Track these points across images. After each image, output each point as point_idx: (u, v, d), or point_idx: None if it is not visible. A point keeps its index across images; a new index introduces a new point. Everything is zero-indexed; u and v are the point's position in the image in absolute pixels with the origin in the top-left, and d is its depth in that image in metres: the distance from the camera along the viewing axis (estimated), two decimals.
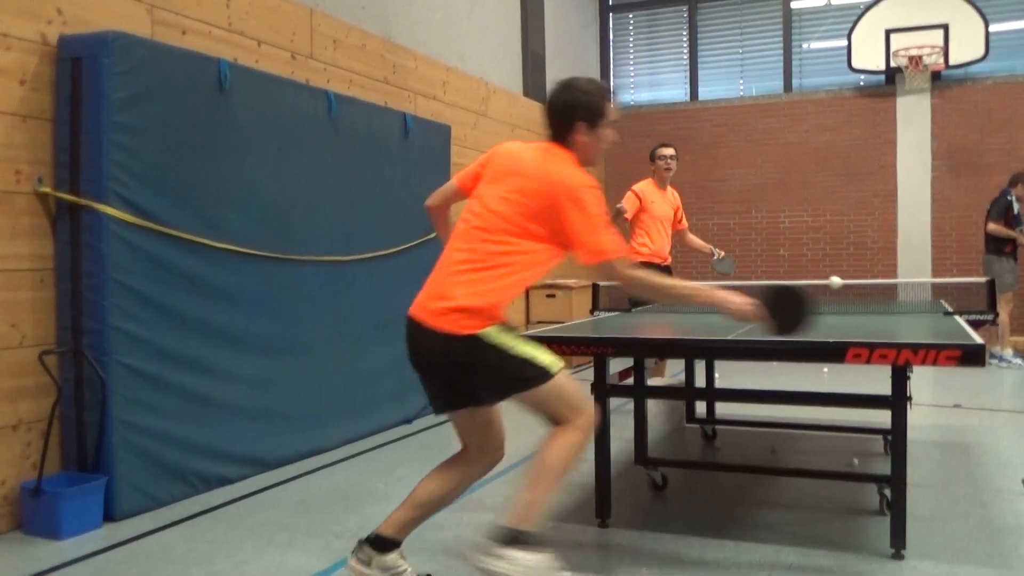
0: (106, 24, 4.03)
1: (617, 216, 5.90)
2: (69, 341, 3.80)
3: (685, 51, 11.07)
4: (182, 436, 4.09)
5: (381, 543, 2.80)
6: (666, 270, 6.21)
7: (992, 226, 8.25)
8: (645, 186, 6.23)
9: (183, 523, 3.76)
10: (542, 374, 2.68)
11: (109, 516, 3.74)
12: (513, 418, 3.04)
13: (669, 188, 6.40)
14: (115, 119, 3.76)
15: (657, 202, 6.21)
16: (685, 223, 6.55)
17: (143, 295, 3.90)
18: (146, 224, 3.91)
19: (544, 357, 2.72)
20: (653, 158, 6.31)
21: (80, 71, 3.77)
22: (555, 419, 2.74)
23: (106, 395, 3.74)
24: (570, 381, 2.74)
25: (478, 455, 2.94)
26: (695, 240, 6.66)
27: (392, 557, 2.80)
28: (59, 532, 3.52)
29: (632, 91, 11.41)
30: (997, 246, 8.28)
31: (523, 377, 2.68)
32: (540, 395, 2.70)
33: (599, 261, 2.69)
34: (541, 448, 2.72)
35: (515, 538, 2.58)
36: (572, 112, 2.80)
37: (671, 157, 6.29)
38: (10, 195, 3.65)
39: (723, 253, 6.58)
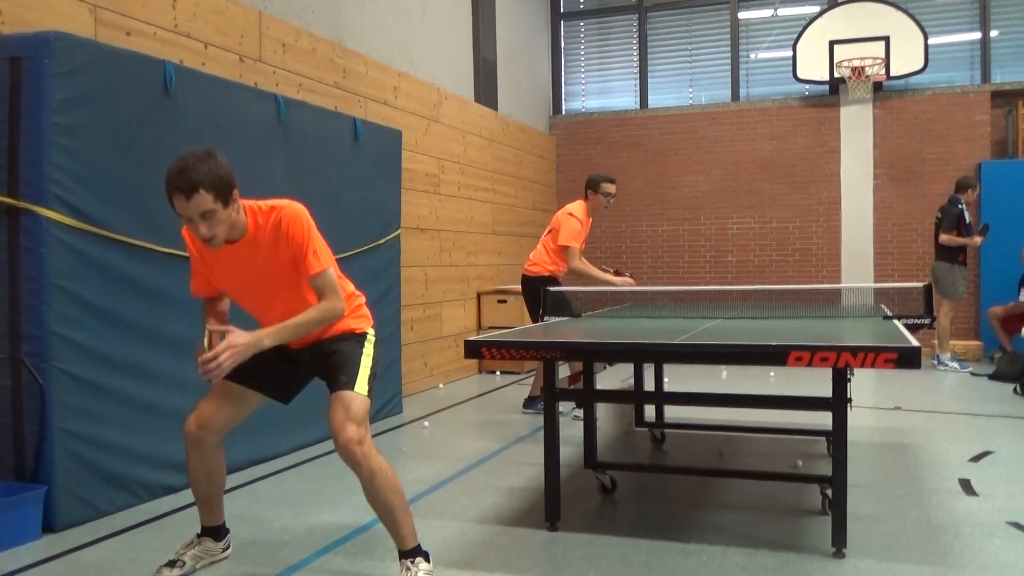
0: (47, 24, 3.95)
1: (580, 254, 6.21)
2: (6, 348, 3.70)
3: (635, 59, 11.19)
4: (125, 444, 4.01)
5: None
6: (556, 282, 6.24)
7: (945, 237, 8.33)
8: (580, 213, 6.27)
9: (126, 533, 3.69)
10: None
11: (49, 527, 3.65)
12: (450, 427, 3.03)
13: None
14: (56, 121, 3.68)
15: (584, 231, 6.37)
16: (583, 246, 6.53)
17: (85, 300, 3.82)
18: (88, 228, 3.83)
19: None
20: (596, 190, 6.30)
21: (19, 71, 3.67)
22: None
23: (45, 403, 3.65)
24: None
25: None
26: (587, 265, 6.51)
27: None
28: None
29: (583, 98, 11.50)
30: (950, 255, 8.38)
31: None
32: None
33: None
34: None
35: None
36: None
37: (615, 196, 6.41)
38: None
39: (616, 269, 6.73)
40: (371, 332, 3.14)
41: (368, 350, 3.05)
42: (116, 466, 3.96)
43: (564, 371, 5.32)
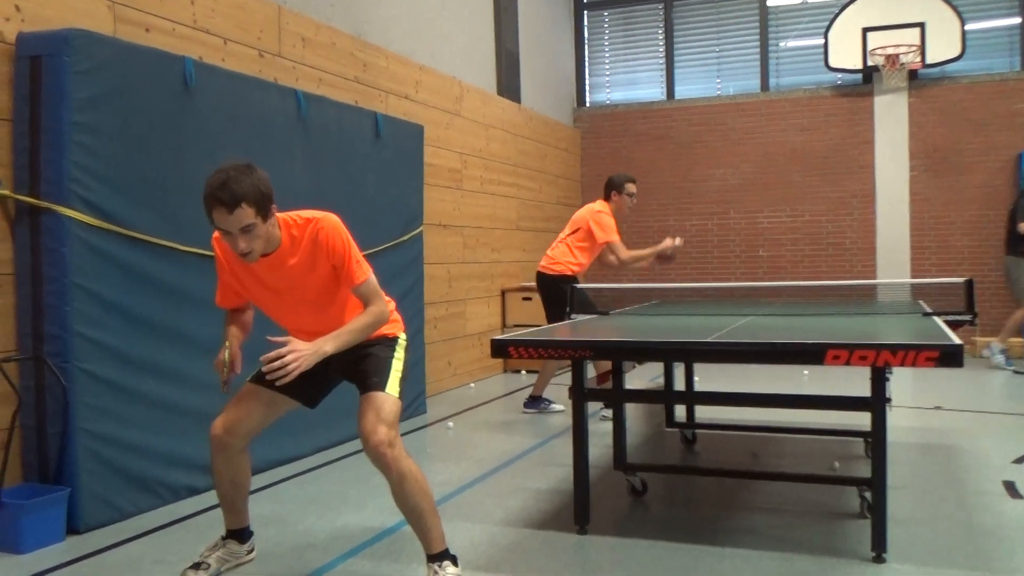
0: (67, 21, 3.99)
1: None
2: (29, 348, 3.75)
3: (661, 49, 11.14)
4: (148, 445, 4.05)
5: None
6: (576, 281, 6.24)
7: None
8: (608, 212, 6.28)
9: (150, 535, 3.73)
10: None
11: (73, 529, 3.69)
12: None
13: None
14: (76, 119, 3.72)
15: None
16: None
17: (107, 300, 3.86)
18: (109, 227, 3.87)
19: None
20: (621, 191, 6.31)
21: (39, 70, 3.72)
22: None
23: (68, 403, 3.70)
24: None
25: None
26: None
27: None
28: (20, 546, 3.47)
29: (608, 90, 11.46)
30: (1021, 248, 8.24)
31: None
32: None
33: None
34: None
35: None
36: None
37: (636, 195, 6.45)
38: None
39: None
40: (402, 336, 3.19)
41: (399, 354, 3.11)
42: (139, 467, 4.00)
43: (588, 371, 5.31)
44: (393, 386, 2.98)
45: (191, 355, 4.28)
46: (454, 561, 3.01)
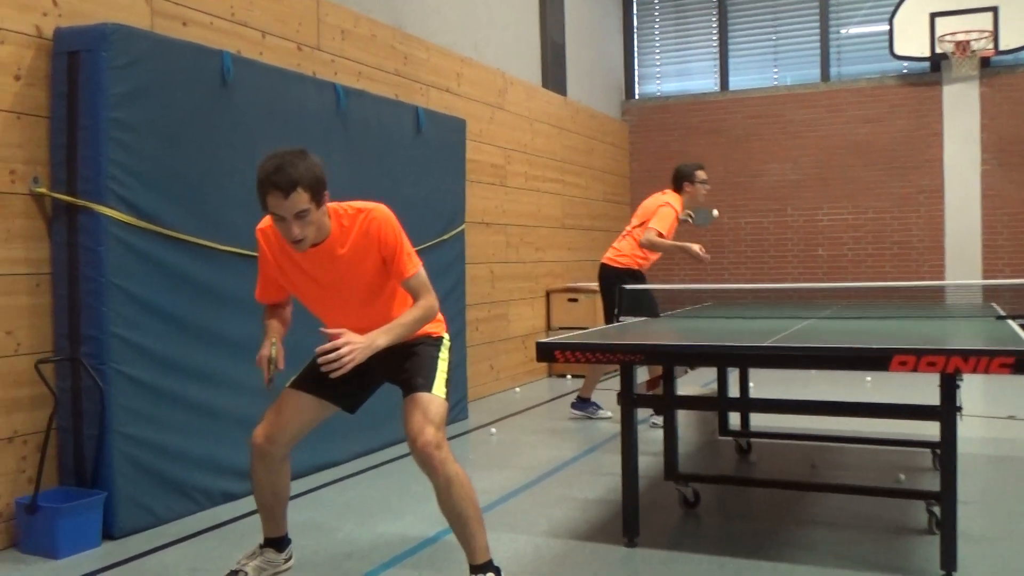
0: (104, 16, 4.08)
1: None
2: (66, 349, 3.84)
3: (715, 38, 11.05)
4: (184, 449, 4.13)
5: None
6: (642, 277, 6.22)
7: None
8: (677, 205, 6.24)
9: (186, 541, 3.79)
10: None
11: (108, 534, 3.77)
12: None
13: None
14: (113, 115, 3.80)
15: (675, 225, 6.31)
16: None
17: (143, 300, 3.94)
18: (146, 226, 3.95)
19: None
20: (692, 180, 6.31)
21: (77, 65, 3.81)
22: None
23: (105, 406, 3.78)
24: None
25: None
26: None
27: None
28: (56, 550, 3.56)
29: (658, 81, 11.40)
30: None
31: None
32: None
33: None
34: None
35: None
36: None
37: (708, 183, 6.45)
38: (4, 196, 3.69)
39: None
40: (446, 336, 3.23)
41: (444, 354, 3.14)
42: (176, 472, 4.07)
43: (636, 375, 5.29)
44: (440, 387, 3.01)
45: (227, 357, 4.35)
46: (498, 573, 3.01)
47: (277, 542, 3.31)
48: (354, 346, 2.76)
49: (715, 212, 6.70)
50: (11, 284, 3.72)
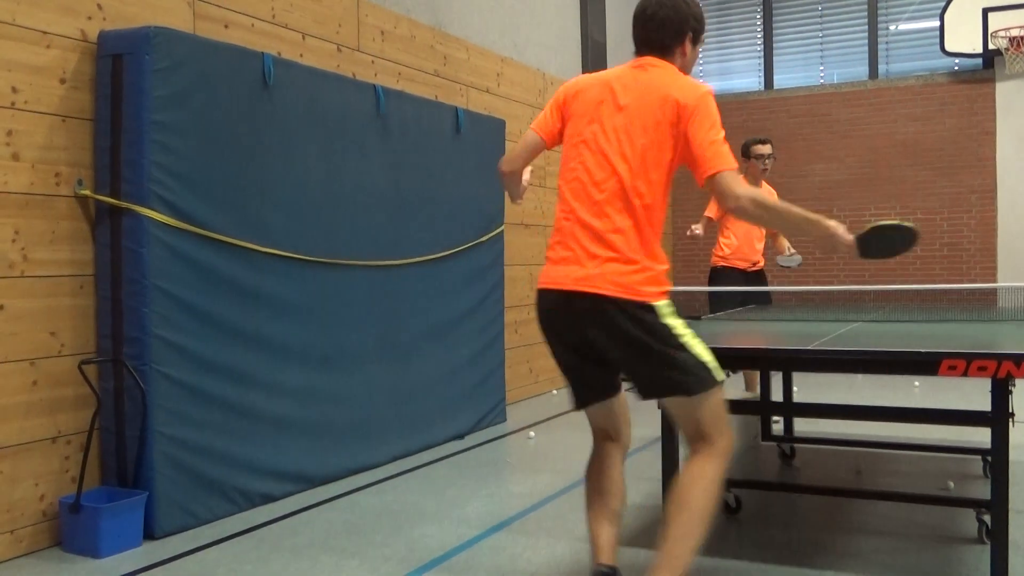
0: (147, 19, 4.16)
1: (707, 223, 6.10)
2: (109, 350, 3.92)
3: (759, 36, 10.95)
4: (224, 450, 4.18)
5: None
6: (753, 278, 6.18)
7: None
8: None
9: (224, 542, 3.85)
10: (711, 379, 2.62)
11: (149, 533, 3.84)
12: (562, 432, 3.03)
13: (765, 184, 6.38)
14: (156, 118, 3.87)
15: None
16: None
17: (185, 302, 4.00)
18: (188, 228, 4.02)
19: (710, 356, 2.65)
20: (748, 155, 6.29)
21: (121, 68, 3.89)
22: (701, 435, 2.65)
23: (146, 407, 3.85)
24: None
25: (619, 443, 2.93)
26: (783, 241, 6.59)
27: None
28: (98, 550, 3.63)
29: (700, 80, 11.31)
30: None
31: (697, 376, 2.59)
32: (702, 404, 2.62)
33: (720, 171, 2.56)
34: (687, 485, 2.61)
35: None
36: (684, 23, 2.78)
37: (769, 156, 6.33)
38: (50, 198, 3.78)
39: (794, 252, 6.52)
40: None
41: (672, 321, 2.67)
42: (215, 473, 4.13)
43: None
44: (704, 371, 2.62)
45: (267, 359, 4.41)
46: None
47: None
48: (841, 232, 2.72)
49: (799, 259, 6.55)
50: (55, 285, 3.80)
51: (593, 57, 9.29)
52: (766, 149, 6.30)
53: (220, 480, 4.16)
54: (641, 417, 6.07)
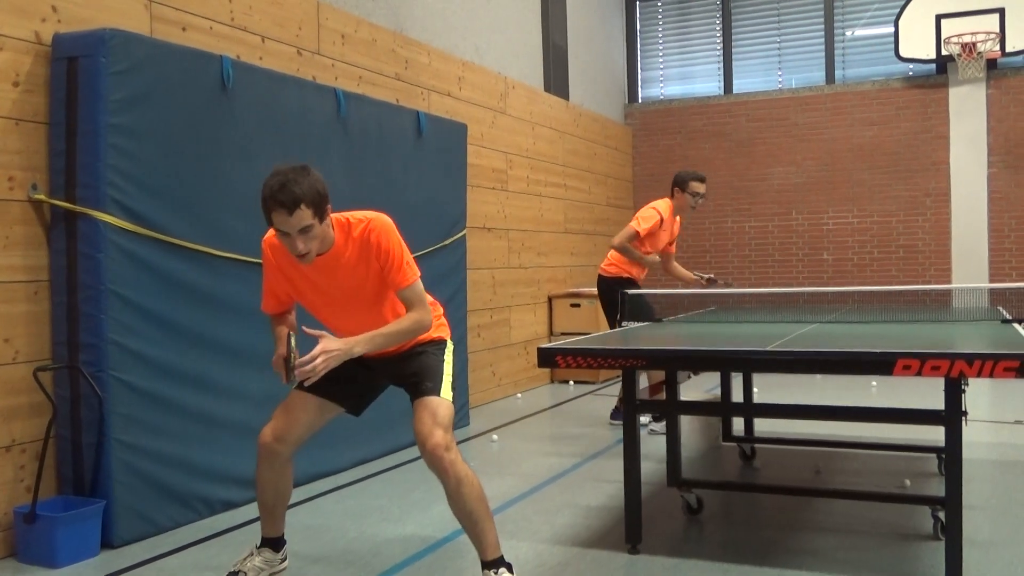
0: (103, 21, 4.11)
1: (632, 238, 6.12)
2: (64, 357, 3.86)
3: (718, 41, 11.07)
4: (184, 457, 4.14)
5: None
6: (634, 284, 6.22)
7: None
8: (664, 211, 6.22)
9: (185, 550, 3.81)
10: None
11: (107, 542, 3.78)
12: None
13: (678, 220, 6.48)
14: (112, 121, 3.82)
15: (666, 231, 6.29)
16: (674, 248, 6.55)
17: (142, 308, 3.95)
18: (146, 232, 3.97)
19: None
20: (684, 188, 6.25)
21: (76, 71, 3.83)
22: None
23: (104, 414, 3.80)
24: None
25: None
26: (679, 268, 6.65)
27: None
28: (55, 559, 3.57)
29: (661, 84, 11.42)
30: None
31: None
32: None
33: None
34: None
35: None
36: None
37: (703, 196, 6.32)
38: (3, 203, 3.72)
39: (710, 276, 6.54)
40: (450, 341, 3.34)
41: (448, 358, 3.26)
42: (175, 480, 4.09)
43: (642, 381, 5.30)
44: (446, 390, 3.12)
45: (227, 364, 4.37)
46: (510, 568, 3.09)
47: (275, 542, 3.39)
48: (329, 354, 2.86)
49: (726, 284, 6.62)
50: (9, 292, 3.74)
51: (554, 60, 9.33)
52: (703, 188, 6.28)
53: (180, 487, 4.11)
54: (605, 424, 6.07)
